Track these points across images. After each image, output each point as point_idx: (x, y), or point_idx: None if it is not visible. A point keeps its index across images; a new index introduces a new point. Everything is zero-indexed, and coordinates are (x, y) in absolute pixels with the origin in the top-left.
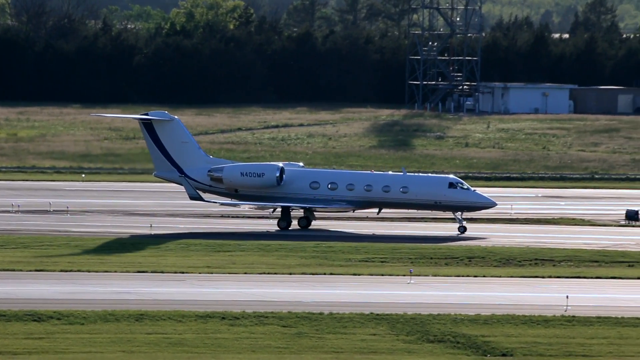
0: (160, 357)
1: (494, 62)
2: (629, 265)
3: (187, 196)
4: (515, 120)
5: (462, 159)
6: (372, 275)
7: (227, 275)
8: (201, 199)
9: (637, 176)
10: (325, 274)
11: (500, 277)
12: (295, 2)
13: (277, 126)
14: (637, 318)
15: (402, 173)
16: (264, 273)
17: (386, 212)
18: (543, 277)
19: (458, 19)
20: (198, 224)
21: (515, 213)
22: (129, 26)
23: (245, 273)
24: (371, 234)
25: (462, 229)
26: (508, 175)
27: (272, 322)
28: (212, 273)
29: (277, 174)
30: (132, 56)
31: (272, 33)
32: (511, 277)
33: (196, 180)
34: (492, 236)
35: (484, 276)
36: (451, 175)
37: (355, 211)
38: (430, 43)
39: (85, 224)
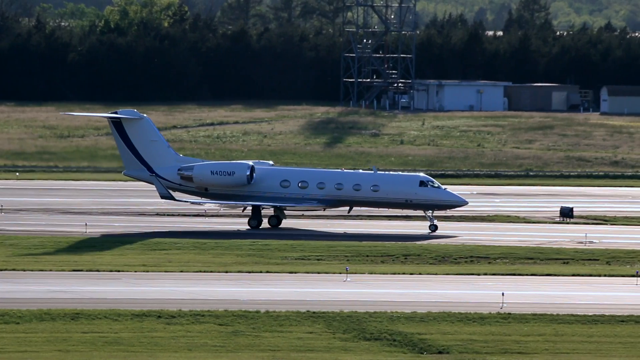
0: (96, 356)
1: (429, 59)
2: (564, 263)
3: (159, 195)
4: (450, 117)
5: (397, 156)
6: (308, 273)
7: (163, 273)
8: (172, 198)
9: (572, 173)
10: (261, 272)
11: (436, 274)
12: None
13: (212, 124)
14: (572, 315)
15: (372, 172)
16: (200, 271)
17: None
18: (479, 275)
19: (392, 16)
20: (134, 222)
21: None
22: (62, 24)
23: (182, 271)
24: (342, 232)
25: (433, 228)
26: (443, 172)
27: (208, 321)
28: (148, 271)
29: (248, 173)
30: (67, 54)
31: (206, 31)
32: (447, 274)
33: (166, 179)
34: (462, 234)
35: (420, 274)
36: (422, 174)
37: (326, 209)
38: (365, 40)
39: (20, 222)
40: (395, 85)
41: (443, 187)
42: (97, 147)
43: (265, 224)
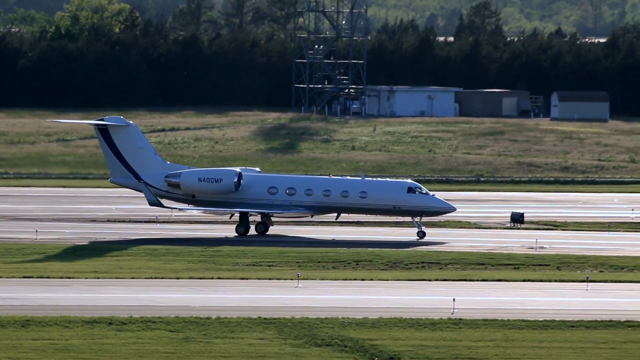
0: None
1: (380, 65)
2: (515, 268)
3: (147, 202)
4: (401, 123)
5: (348, 162)
6: (259, 279)
7: (114, 280)
8: (161, 205)
9: (522, 179)
10: (212, 278)
11: (387, 280)
12: (181, 5)
13: (163, 130)
14: (523, 320)
15: (360, 178)
16: (151, 278)
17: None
18: (430, 280)
19: (344, 22)
20: (85, 229)
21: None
22: (13, 29)
23: (132, 278)
24: (331, 239)
25: (421, 234)
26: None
27: (159, 327)
28: (98, 278)
29: (235, 180)
30: (17, 60)
31: (157, 36)
32: (398, 280)
33: (153, 186)
34: (451, 241)
35: (371, 279)
36: (409, 180)
37: (314, 216)
38: (316, 46)
39: None
40: (347, 91)
41: (431, 193)
42: (47, 153)
43: (252, 231)
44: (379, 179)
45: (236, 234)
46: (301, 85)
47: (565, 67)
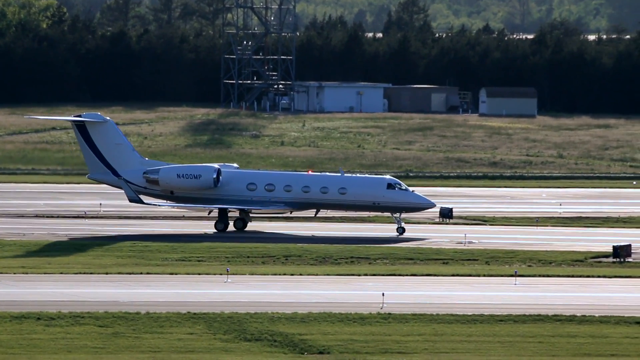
0: None
1: (309, 61)
2: (444, 263)
3: (127, 198)
4: (330, 119)
5: (278, 157)
6: (189, 274)
7: (43, 275)
8: (141, 201)
9: (451, 174)
10: (141, 273)
11: (316, 275)
12: (109, 1)
13: None
14: (452, 315)
15: (339, 174)
16: (80, 273)
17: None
18: (359, 275)
19: (272, 18)
20: (12, 224)
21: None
22: None
23: (61, 273)
24: (310, 235)
25: (401, 230)
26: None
27: (88, 322)
28: (27, 273)
29: (214, 176)
30: None
31: (85, 32)
32: (328, 275)
33: (131, 183)
34: (431, 237)
35: (301, 274)
36: (388, 176)
37: (293, 212)
38: (245, 42)
39: None
40: (276, 86)
41: (410, 189)
42: None
43: (231, 227)
44: (358, 174)
45: (215, 230)
46: (230, 81)
47: (493, 63)
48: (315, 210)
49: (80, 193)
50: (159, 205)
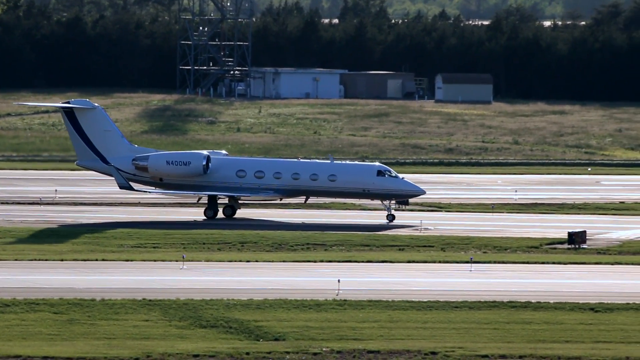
0: None
1: (265, 47)
2: (400, 249)
3: (118, 185)
4: (286, 105)
5: (234, 144)
6: (144, 261)
7: None
8: (131, 188)
9: (407, 160)
10: (97, 260)
11: (272, 261)
12: None
13: (47, 112)
14: (407, 301)
15: (329, 161)
16: (35, 259)
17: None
18: (315, 262)
19: (228, 4)
20: None
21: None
22: None
23: (16, 259)
24: (301, 222)
25: (391, 217)
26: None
27: (43, 309)
28: None
29: (204, 163)
30: None
31: (41, 18)
32: (283, 261)
33: (120, 169)
34: (424, 224)
35: (257, 261)
36: (378, 163)
37: (283, 199)
38: (201, 28)
39: None
40: (232, 72)
41: (401, 176)
42: None
43: (220, 214)
44: (348, 161)
45: (205, 217)
46: (186, 67)
47: (449, 49)
48: (305, 197)
49: (35, 179)
50: (149, 192)
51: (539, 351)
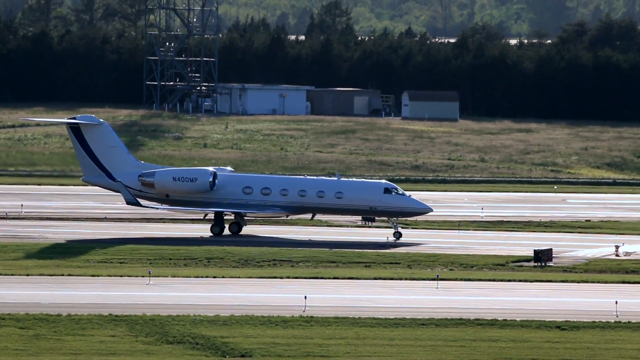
0: None
1: (232, 63)
2: (366, 266)
3: (125, 201)
4: (253, 121)
5: (200, 159)
6: (110, 276)
7: None
8: (138, 204)
9: (373, 177)
10: (63, 275)
11: (239, 277)
12: (31, 1)
13: (13, 126)
14: (374, 318)
15: (336, 178)
16: (0, 274)
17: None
18: (282, 278)
19: (195, 20)
20: None
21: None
22: None
23: None
24: (307, 239)
25: (398, 235)
26: None
27: (8, 324)
28: None
29: (210, 179)
30: None
31: (7, 32)
32: (250, 277)
33: (126, 186)
34: (428, 242)
35: (223, 277)
36: (385, 181)
37: (289, 216)
38: (167, 44)
39: None
40: (199, 88)
41: (407, 194)
42: None
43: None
44: (354, 179)
45: (211, 234)
46: (152, 83)
47: (415, 66)
48: (311, 214)
49: (1, 194)
50: (156, 209)
51: None
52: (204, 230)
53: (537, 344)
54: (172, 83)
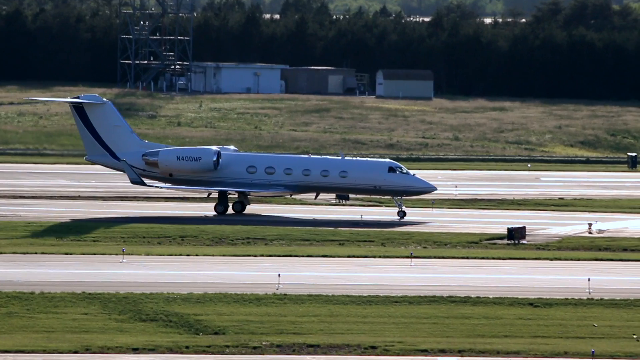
0: None
1: (206, 42)
2: (340, 244)
3: (130, 180)
4: (227, 99)
5: (174, 138)
6: (84, 254)
7: None
8: (143, 183)
9: (347, 156)
10: (36, 253)
11: (212, 255)
12: None
13: None
14: (347, 296)
15: (340, 157)
16: None
17: None
18: (255, 256)
19: None
20: None
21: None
22: None
23: None
24: (312, 218)
25: (402, 214)
26: None
27: None
28: None
29: (214, 158)
30: None
31: None
32: (224, 255)
33: (130, 165)
34: (432, 221)
35: (197, 255)
36: (389, 160)
37: (293, 195)
38: (141, 22)
39: None
40: (173, 67)
41: (412, 173)
42: None
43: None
44: (359, 158)
45: (215, 213)
46: (127, 61)
47: (390, 45)
48: (315, 193)
49: None
50: (160, 188)
51: (478, 346)
52: (207, 209)
53: (509, 320)
54: (146, 62)
